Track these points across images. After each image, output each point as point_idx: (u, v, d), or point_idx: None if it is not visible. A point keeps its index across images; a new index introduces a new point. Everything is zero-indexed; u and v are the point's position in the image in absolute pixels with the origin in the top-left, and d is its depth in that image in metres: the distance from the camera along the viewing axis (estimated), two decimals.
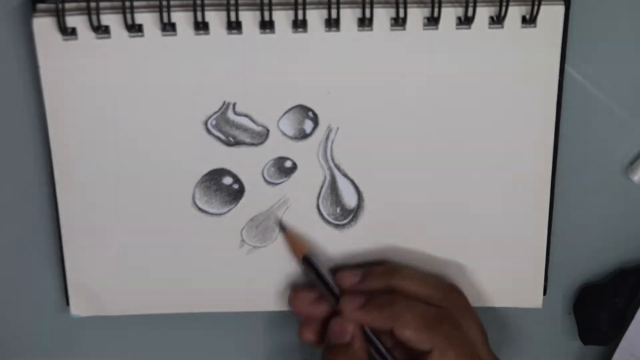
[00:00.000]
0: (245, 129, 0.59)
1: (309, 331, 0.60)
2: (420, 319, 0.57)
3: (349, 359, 0.57)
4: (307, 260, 0.60)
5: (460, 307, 0.59)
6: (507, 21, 0.57)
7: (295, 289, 0.61)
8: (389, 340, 0.59)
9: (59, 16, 0.56)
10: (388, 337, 0.58)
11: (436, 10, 0.56)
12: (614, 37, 0.60)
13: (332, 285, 0.59)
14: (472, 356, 0.57)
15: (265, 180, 0.60)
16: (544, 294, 0.63)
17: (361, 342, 0.58)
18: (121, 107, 0.58)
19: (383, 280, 0.59)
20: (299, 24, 0.57)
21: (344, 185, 0.60)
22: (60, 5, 0.55)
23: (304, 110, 0.59)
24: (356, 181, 0.60)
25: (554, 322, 0.66)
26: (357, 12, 0.57)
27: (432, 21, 0.57)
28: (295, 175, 0.60)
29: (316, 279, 0.60)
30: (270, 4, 0.56)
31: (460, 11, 0.57)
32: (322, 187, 0.60)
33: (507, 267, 0.62)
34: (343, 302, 0.58)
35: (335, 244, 0.62)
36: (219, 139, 0.59)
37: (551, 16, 0.57)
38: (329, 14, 0.56)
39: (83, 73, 0.57)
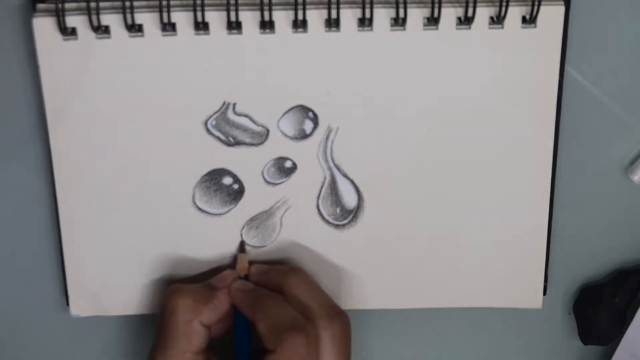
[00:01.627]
0: (245, 129, 0.59)
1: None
2: (278, 320, 0.57)
3: (206, 296, 0.58)
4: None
5: (335, 336, 0.57)
6: (507, 21, 0.57)
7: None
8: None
9: (59, 16, 0.56)
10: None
11: (436, 10, 0.57)
12: (614, 37, 0.60)
13: None
14: None
15: (265, 180, 0.60)
16: (544, 294, 0.63)
17: (225, 296, 0.59)
18: (121, 107, 0.58)
19: (279, 278, 0.60)
20: (299, 24, 0.57)
21: (343, 186, 0.61)
22: (60, 5, 0.56)
23: (304, 111, 0.59)
24: (356, 181, 0.61)
25: (554, 322, 0.66)
26: (357, 12, 0.57)
27: (432, 21, 0.57)
28: (295, 175, 0.60)
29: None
30: (270, 4, 0.57)
31: (460, 11, 0.57)
32: (322, 187, 0.61)
33: (506, 268, 0.63)
34: (235, 282, 0.60)
35: (335, 244, 0.62)
36: (219, 139, 0.59)
37: (551, 16, 0.57)
38: (329, 14, 0.57)
39: (83, 73, 0.58)
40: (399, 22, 0.57)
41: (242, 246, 0.62)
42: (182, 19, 0.57)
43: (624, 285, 0.63)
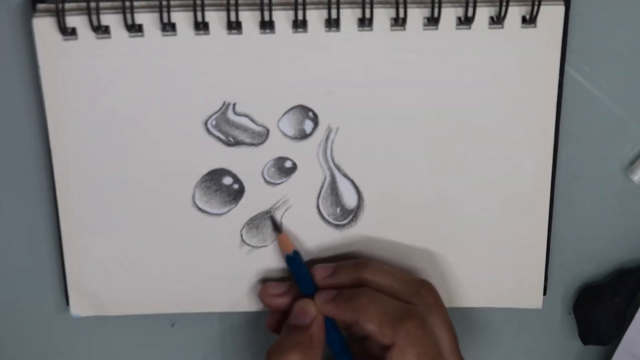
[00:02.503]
0: (245, 129, 0.60)
1: (273, 320, 0.61)
2: (384, 314, 0.57)
3: (304, 339, 0.58)
4: (291, 259, 0.61)
5: (430, 305, 0.59)
6: (507, 21, 0.58)
7: (264, 285, 0.62)
8: (360, 334, 0.59)
9: (59, 16, 0.56)
10: (361, 331, 0.59)
11: (436, 10, 0.57)
12: (614, 37, 0.61)
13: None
14: (433, 356, 0.57)
15: (265, 180, 0.61)
16: (544, 294, 0.64)
17: (319, 327, 0.59)
18: (121, 107, 0.59)
19: (353, 273, 0.60)
20: (299, 24, 0.57)
21: (343, 186, 0.61)
22: (60, 5, 0.56)
23: (304, 111, 0.60)
24: (356, 181, 0.61)
25: (554, 322, 0.67)
26: (357, 12, 0.57)
27: (432, 21, 0.58)
28: (295, 175, 0.61)
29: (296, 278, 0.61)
30: (270, 4, 0.57)
31: (460, 11, 0.58)
32: (322, 187, 0.61)
33: (506, 268, 0.63)
34: (316, 296, 0.59)
35: (335, 244, 0.62)
36: (219, 139, 0.60)
37: (551, 16, 0.58)
38: (329, 14, 0.57)
39: (83, 73, 0.58)
40: (399, 22, 0.58)
41: (275, 224, 0.62)
42: (182, 19, 0.57)
43: (624, 285, 0.64)
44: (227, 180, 0.61)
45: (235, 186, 0.61)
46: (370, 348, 0.59)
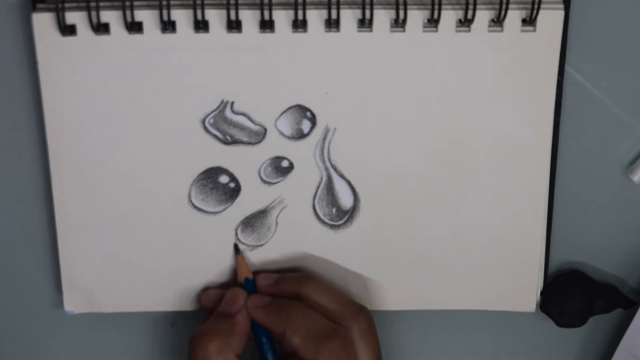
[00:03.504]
0: (243, 128, 0.60)
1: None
2: (311, 329, 0.58)
3: (227, 327, 0.59)
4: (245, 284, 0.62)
5: (364, 331, 0.59)
6: (507, 24, 0.58)
7: (204, 289, 0.63)
8: (289, 349, 0.60)
9: (59, 13, 0.57)
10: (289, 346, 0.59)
11: (436, 12, 0.58)
12: (614, 38, 0.61)
13: None
14: None
15: (261, 179, 0.61)
16: (542, 294, 0.64)
17: (245, 318, 0.60)
18: (119, 105, 0.60)
19: (295, 286, 0.61)
20: (299, 24, 0.58)
21: (340, 186, 0.62)
22: (59, 3, 0.57)
23: (302, 110, 0.60)
24: (352, 182, 0.62)
25: (553, 323, 0.66)
26: (357, 13, 0.58)
27: (432, 23, 0.58)
28: (292, 175, 0.61)
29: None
30: (270, 4, 0.58)
31: (460, 13, 0.58)
32: (318, 187, 0.62)
33: (501, 271, 0.64)
34: (249, 298, 0.61)
35: (331, 245, 0.63)
36: (216, 137, 0.60)
37: (550, 20, 0.58)
38: (329, 14, 0.58)
39: (82, 70, 0.59)
40: (399, 23, 0.58)
41: (237, 248, 0.63)
42: (181, 17, 0.58)
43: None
44: (224, 179, 0.62)
45: (232, 185, 0.62)
46: None
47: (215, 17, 0.58)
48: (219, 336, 0.59)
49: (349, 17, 0.59)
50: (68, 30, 0.58)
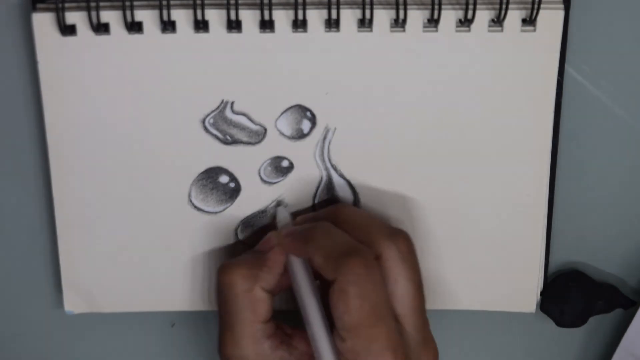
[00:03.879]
0: (243, 128, 0.61)
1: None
2: (333, 247, 0.55)
3: (256, 260, 0.58)
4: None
5: (403, 252, 0.57)
6: (507, 24, 0.59)
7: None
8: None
9: (59, 13, 0.57)
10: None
11: (436, 12, 0.58)
12: (614, 38, 0.62)
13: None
14: (376, 301, 0.54)
15: (261, 179, 0.62)
16: (542, 294, 0.64)
17: (277, 255, 0.57)
18: (119, 105, 0.60)
19: (331, 211, 0.59)
20: (299, 24, 0.58)
21: (340, 186, 0.62)
22: (59, 3, 0.57)
23: (302, 110, 0.61)
24: (352, 182, 0.62)
25: (553, 323, 0.66)
26: (357, 13, 0.58)
27: (432, 23, 0.59)
28: (292, 175, 0.62)
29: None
30: (270, 4, 0.58)
31: (460, 13, 0.58)
32: (318, 187, 0.62)
33: (501, 271, 0.64)
34: (283, 229, 0.59)
35: None
36: (216, 137, 0.61)
37: (551, 21, 0.59)
38: (329, 14, 0.58)
39: (81, 70, 0.59)
40: (399, 23, 0.59)
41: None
42: (181, 17, 0.58)
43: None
44: (224, 179, 0.62)
45: (232, 185, 0.62)
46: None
47: (215, 17, 0.59)
48: (247, 267, 0.57)
49: (349, 17, 0.59)
50: (68, 30, 0.58)
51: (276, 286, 0.58)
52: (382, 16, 0.59)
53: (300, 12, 0.58)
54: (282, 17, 0.59)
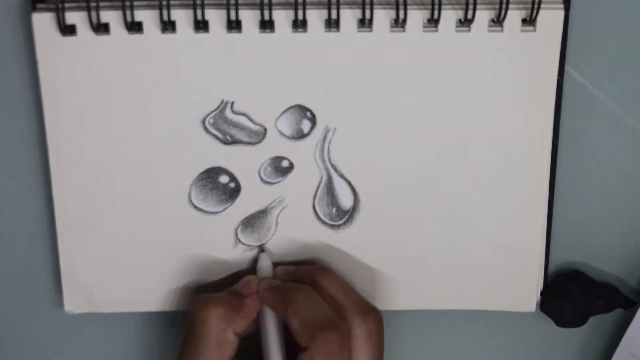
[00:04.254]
0: (243, 128, 0.61)
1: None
2: (311, 315, 0.57)
3: (235, 302, 0.59)
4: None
5: (370, 332, 0.59)
6: (507, 24, 0.59)
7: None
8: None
9: (59, 13, 0.57)
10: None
11: (436, 12, 0.58)
12: (614, 38, 0.62)
13: None
14: None
15: (261, 179, 0.62)
16: (542, 294, 0.65)
17: (253, 302, 0.59)
18: (119, 104, 0.60)
19: (310, 275, 0.60)
20: (299, 24, 0.59)
21: (340, 186, 0.62)
22: (59, 3, 0.57)
23: (302, 110, 0.61)
24: (352, 182, 0.62)
25: (553, 323, 0.67)
26: (357, 13, 0.58)
27: (432, 23, 0.59)
28: (292, 175, 0.62)
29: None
30: (270, 4, 0.58)
31: (460, 13, 0.59)
32: (318, 187, 0.62)
33: (501, 271, 0.64)
34: (261, 282, 0.60)
35: (330, 245, 0.63)
36: (216, 137, 0.61)
37: (551, 21, 0.59)
38: (329, 14, 0.58)
39: (81, 70, 0.59)
40: (399, 23, 0.59)
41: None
42: (181, 17, 0.58)
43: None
44: (224, 179, 0.62)
45: (232, 185, 0.62)
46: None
47: (215, 17, 0.59)
48: (224, 307, 0.58)
49: (349, 17, 0.59)
50: (68, 30, 0.58)
51: (247, 330, 0.60)
52: (382, 16, 0.59)
53: (300, 12, 0.59)
54: (282, 17, 0.59)
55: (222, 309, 0.58)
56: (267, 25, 0.59)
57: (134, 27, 0.59)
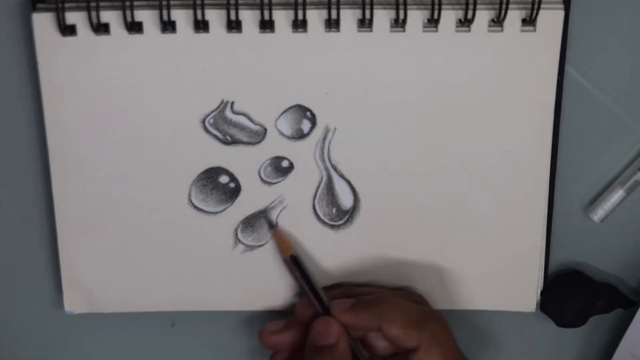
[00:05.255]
0: (243, 128, 0.61)
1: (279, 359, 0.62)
2: (408, 317, 0.58)
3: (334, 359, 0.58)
4: (294, 260, 0.62)
5: (438, 336, 0.59)
6: (507, 24, 0.59)
7: (262, 325, 0.62)
8: (380, 342, 0.60)
9: (59, 13, 0.57)
10: (378, 338, 0.60)
11: (436, 12, 0.58)
12: (614, 38, 0.62)
13: (316, 286, 0.61)
14: (456, 356, 0.59)
15: (261, 179, 0.62)
16: (543, 294, 0.65)
17: (346, 343, 0.59)
18: (119, 105, 0.60)
19: (374, 314, 0.59)
20: (299, 24, 0.59)
21: (340, 186, 0.62)
22: (60, 3, 0.57)
23: (302, 110, 0.61)
24: (352, 182, 0.62)
25: (553, 323, 0.67)
26: (357, 13, 0.59)
27: (432, 23, 0.59)
28: (292, 175, 0.62)
29: (301, 279, 0.61)
30: (270, 4, 0.58)
31: (460, 13, 0.59)
32: (318, 187, 0.62)
33: (501, 270, 0.64)
34: (332, 305, 0.60)
35: (331, 245, 0.63)
36: (216, 137, 0.61)
37: (551, 21, 0.59)
38: (329, 14, 0.58)
39: (81, 70, 0.59)
40: (399, 23, 0.59)
41: (271, 223, 0.63)
42: (181, 17, 0.59)
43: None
44: (224, 179, 0.62)
45: (232, 185, 0.62)
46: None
47: (215, 17, 0.59)
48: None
49: (349, 17, 0.59)
50: (68, 30, 0.59)
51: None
52: (382, 16, 0.59)
53: (300, 12, 0.59)
54: (282, 17, 0.59)
55: None
56: (267, 25, 0.59)
57: (134, 27, 0.59)
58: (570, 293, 0.65)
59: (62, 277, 0.64)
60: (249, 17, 0.59)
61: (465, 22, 0.59)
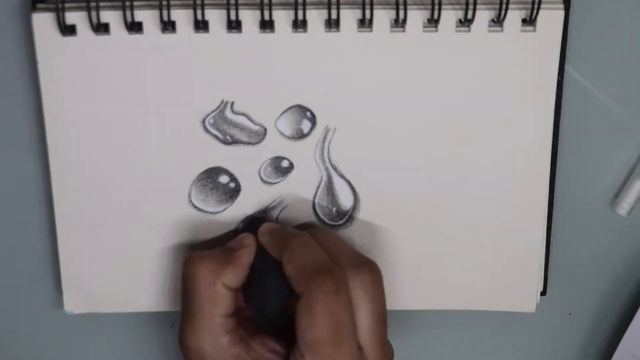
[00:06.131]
0: (243, 128, 0.61)
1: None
2: (307, 261, 0.57)
3: (225, 256, 0.58)
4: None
5: (365, 282, 0.57)
6: (507, 24, 0.59)
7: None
8: None
9: (59, 13, 0.57)
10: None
11: (436, 12, 0.58)
12: (614, 38, 0.62)
13: None
14: (339, 322, 0.55)
15: (261, 179, 0.62)
16: (544, 294, 0.65)
17: (245, 254, 0.59)
18: (119, 105, 0.60)
19: (308, 232, 0.60)
20: (299, 24, 0.59)
21: (340, 186, 0.62)
22: (59, 3, 0.57)
23: (302, 110, 0.61)
24: (352, 182, 0.62)
25: (554, 323, 0.68)
26: (357, 13, 0.59)
27: (432, 23, 0.59)
28: (292, 175, 0.62)
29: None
30: (270, 4, 0.58)
31: (460, 13, 0.59)
32: (318, 187, 0.62)
33: (501, 271, 0.64)
34: (262, 225, 0.60)
35: None
36: (216, 137, 0.61)
37: (551, 21, 0.59)
38: (329, 14, 0.58)
39: (81, 70, 0.59)
40: (399, 23, 0.59)
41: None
42: (181, 17, 0.58)
43: None
44: (224, 179, 0.62)
45: (232, 185, 0.62)
46: None
47: (215, 17, 0.59)
48: (213, 261, 0.58)
49: (349, 17, 0.59)
50: (68, 30, 0.59)
51: (239, 285, 0.59)
52: (382, 16, 0.59)
53: (300, 12, 0.59)
54: (282, 17, 0.59)
55: (210, 262, 0.58)
56: (267, 25, 0.59)
57: (134, 27, 0.59)
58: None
59: (62, 278, 0.64)
60: (249, 17, 0.59)
61: (465, 22, 0.59)
